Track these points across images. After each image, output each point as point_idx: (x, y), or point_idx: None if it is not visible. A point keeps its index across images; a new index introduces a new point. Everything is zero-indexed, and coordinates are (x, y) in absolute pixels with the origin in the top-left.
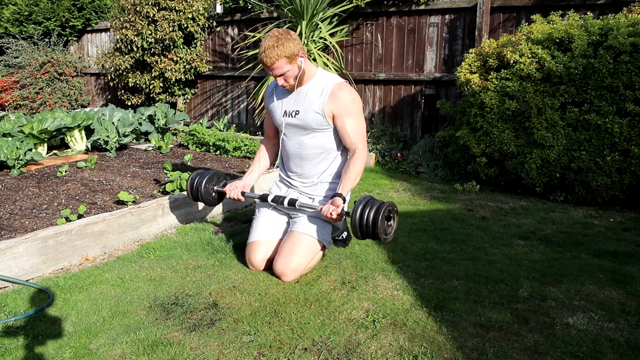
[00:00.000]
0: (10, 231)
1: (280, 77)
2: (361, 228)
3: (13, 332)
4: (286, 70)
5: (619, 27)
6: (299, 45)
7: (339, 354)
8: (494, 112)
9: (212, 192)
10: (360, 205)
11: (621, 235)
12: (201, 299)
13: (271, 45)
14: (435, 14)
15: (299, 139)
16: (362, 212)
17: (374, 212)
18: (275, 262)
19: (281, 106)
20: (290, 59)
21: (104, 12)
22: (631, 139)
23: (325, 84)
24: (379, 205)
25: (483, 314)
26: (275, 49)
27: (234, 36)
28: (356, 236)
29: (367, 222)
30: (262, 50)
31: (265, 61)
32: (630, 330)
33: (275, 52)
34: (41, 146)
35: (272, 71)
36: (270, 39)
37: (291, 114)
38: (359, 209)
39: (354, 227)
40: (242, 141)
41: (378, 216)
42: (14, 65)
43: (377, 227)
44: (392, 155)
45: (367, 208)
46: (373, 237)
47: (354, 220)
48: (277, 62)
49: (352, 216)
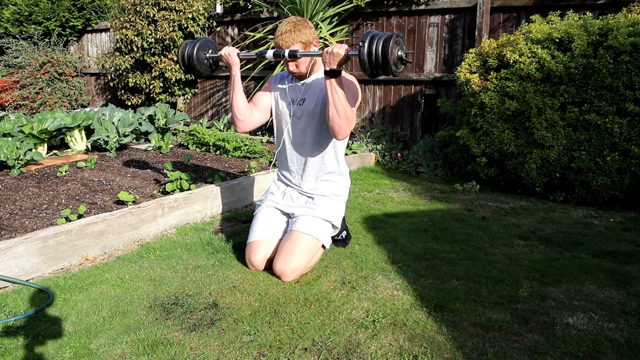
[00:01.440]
0: (10, 231)
1: (292, 63)
2: (370, 61)
3: (13, 332)
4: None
5: (618, 27)
6: (314, 34)
7: (339, 354)
8: (494, 112)
9: (204, 59)
10: (367, 37)
11: (621, 235)
12: (201, 299)
13: (288, 29)
14: (435, 14)
15: (302, 129)
16: (371, 43)
17: (383, 42)
18: (275, 261)
19: (289, 95)
20: (305, 45)
21: (104, 12)
22: (631, 139)
23: None
24: (388, 36)
25: (483, 314)
26: (291, 33)
27: (234, 36)
28: (366, 72)
29: (377, 52)
30: (279, 34)
31: (280, 44)
32: (630, 330)
33: (292, 36)
34: (41, 146)
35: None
36: (287, 24)
37: (299, 102)
38: (367, 40)
39: (363, 62)
40: (242, 141)
41: (388, 45)
42: (14, 65)
43: (388, 57)
44: (392, 155)
45: (376, 39)
46: (384, 71)
47: (362, 53)
48: (292, 46)
49: (360, 49)
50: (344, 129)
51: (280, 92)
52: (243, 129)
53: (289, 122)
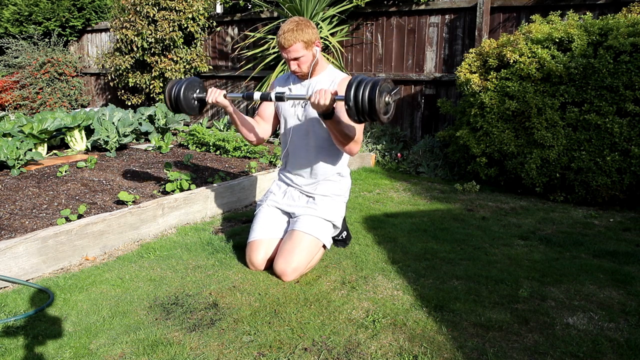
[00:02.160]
0: (10, 231)
1: (294, 62)
2: (357, 108)
3: (13, 332)
4: (301, 55)
5: (618, 27)
6: (316, 35)
7: (339, 354)
8: (494, 112)
9: (192, 99)
10: (353, 84)
11: (621, 235)
12: (201, 299)
13: (291, 28)
14: (435, 14)
15: (305, 130)
16: (357, 91)
17: (369, 90)
18: (276, 261)
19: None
20: (307, 44)
21: (104, 12)
22: (631, 139)
23: (335, 77)
24: (374, 82)
25: (483, 314)
26: (294, 32)
27: (234, 36)
28: (353, 119)
29: (363, 101)
30: (281, 33)
31: (283, 43)
32: (630, 330)
33: (294, 35)
34: (41, 146)
35: (288, 54)
36: (290, 23)
37: (301, 103)
38: (353, 87)
39: (350, 110)
40: (242, 141)
41: (374, 93)
42: (14, 65)
43: (374, 105)
44: (392, 155)
45: (362, 86)
46: (371, 118)
47: (349, 100)
48: (294, 44)
49: (346, 97)
50: (353, 149)
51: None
52: (257, 144)
53: (291, 123)
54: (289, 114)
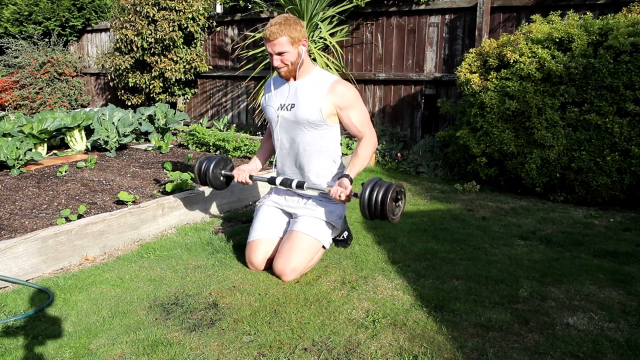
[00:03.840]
0: (10, 231)
1: (278, 57)
2: (369, 208)
3: (13, 332)
4: (286, 51)
5: (618, 27)
6: (304, 34)
7: (339, 354)
8: (494, 112)
9: (219, 176)
10: (369, 186)
11: (621, 235)
12: (201, 299)
13: (279, 22)
14: (435, 14)
15: (292, 134)
16: (371, 193)
17: (382, 193)
18: (275, 261)
19: (277, 100)
20: (293, 40)
21: (104, 12)
22: (631, 139)
23: (323, 80)
24: (388, 187)
25: (483, 314)
26: (281, 25)
27: (234, 36)
28: (364, 216)
29: (376, 202)
30: (269, 26)
31: (269, 35)
32: (631, 330)
33: (281, 28)
34: (41, 146)
35: (273, 47)
36: (279, 18)
37: (287, 107)
38: (368, 189)
39: (363, 208)
40: (242, 141)
41: (387, 197)
42: (14, 65)
43: (386, 207)
44: (392, 155)
45: (376, 189)
46: (381, 218)
47: (363, 201)
48: (279, 38)
49: (361, 197)
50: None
51: (270, 98)
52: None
53: (279, 127)
54: (273, 119)
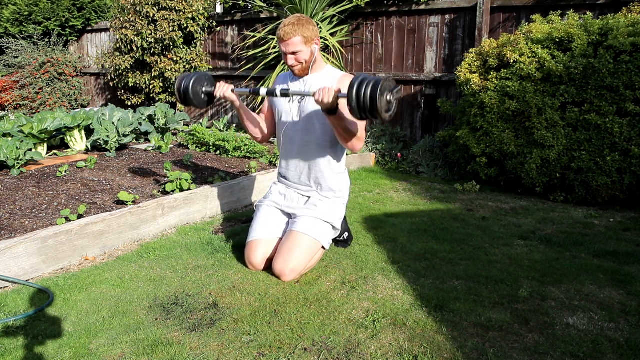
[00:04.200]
0: (10, 231)
1: (292, 56)
2: (359, 106)
3: (13, 332)
4: (299, 50)
5: (618, 27)
6: (316, 33)
7: (339, 354)
8: (494, 112)
9: (201, 93)
10: (356, 82)
11: (621, 235)
12: (201, 299)
13: (292, 22)
14: (435, 14)
15: (300, 128)
16: (359, 89)
17: (371, 88)
18: (275, 261)
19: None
20: (306, 40)
21: (104, 12)
22: (631, 139)
23: (333, 75)
24: (377, 81)
25: (483, 314)
26: (295, 25)
27: (234, 36)
28: (356, 117)
29: (365, 99)
30: (282, 26)
31: (282, 35)
32: (631, 330)
33: (294, 28)
34: (41, 146)
35: (287, 47)
36: (292, 18)
37: (298, 100)
38: (355, 86)
39: (352, 108)
40: (242, 141)
41: (376, 91)
42: (14, 65)
43: (376, 102)
44: (392, 155)
45: (364, 85)
46: (373, 116)
47: (351, 99)
48: (293, 38)
49: (349, 95)
50: (356, 146)
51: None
52: (264, 141)
53: (288, 120)
54: (284, 110)
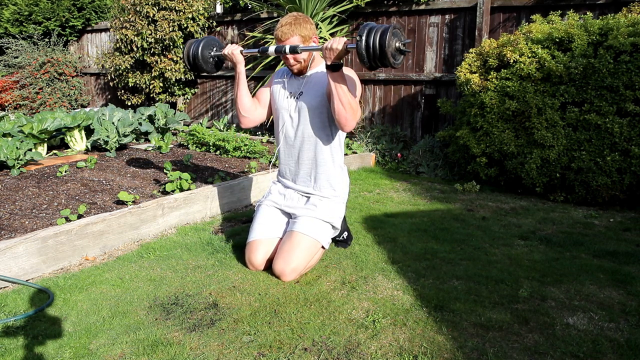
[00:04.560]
0: (10, 231)
1: (291, 57)
2: (368, 52)
3: (13, 332)
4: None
5: (618, 27)
6: (314, 31)
7: (339, 354)
8: (494, 112)
9: (209, 58)
10: (365, 30)
11: (621, 235)
12: (201, 299)
13: (289, 22)
14: (435, 14)
15: (298, 123)
16: (369, 35)
17: (380, 33)
18: (275, 261)
19: (287, 89)
20: (305, 39)
21: (104, 12)
22: (631, 139)
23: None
24: (385, 28)
25: (483, 314)
26: (292, 25)
27: (234, 36)
28: (365, 65)
29: (374, 45)
30: (279, 26)
31: (280, 36)
32: (631, 330)
33: (292, 28)
34: (41, 146)
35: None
36: (289, 17)
37: (296, 96)
38: (364, 34)
39: (361, 55)
40: (242, 141)
41: (385, 36)
42: (14, 65)
43: (385, 47)
44: (392, 155)
45: (373, 31)
46: (382, 63)
47: (361, 44)
48: (291, 38)
49: (359, 40)
50: (350, 120)
51: (279, 86)
52: (247, 124)
53: (286, 116)
54: (283, 106)
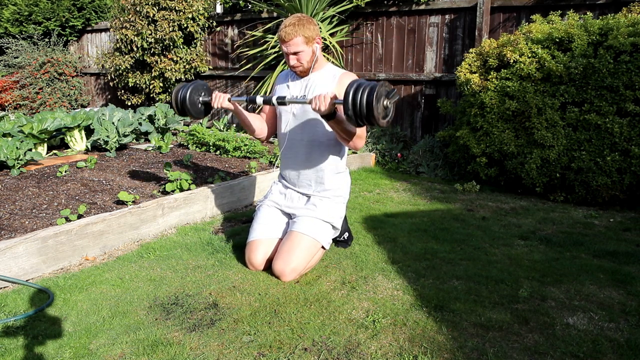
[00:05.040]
0: (10, 231)
1: (294, 57)
2: (355, 113)
3: (13, 332)
4: (300, 50)
5: (618, 27)
6: (317, 32)
7: (339, 354)
8: (494, 112)
9: (198, 103)
10: (351, 89)
11: (621, 235)
12: (201, 299)
13: (293, 23)
14: (435, 14)
15: (301, 126)
16: (355, 96)
17: (367, 95)
18: (275, 261)
19: (290, 92)
20: (308, 40)
21: (104, 12)
22: (631, 139)
23: (335, 73)
24: (373, 86)
25: (483, 314)
26: (295, 26)
27: (234, 36)
28: (353, 124)
29: (361, 106)
30: (283, 27)
31: (283, 36)
32: (631, 330)
33: (295, 29)
34: (41, 146)
35: (288, 47)
36: (292, 18)
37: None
38: (351, 93)
39: (349, 116)
40: (242, 141)
41: (372, 98)
42: (14, 65)
43: (373, 110)
44: (392, 155)
45: (360, 91)
46: (370, 123)
47: (347, 105)
48: (294, 38)
49: (344, 102)
50: (358, 144)
51: (281, 90)
52: (267, 139)
53: (289, 120)
54: (284, 109)
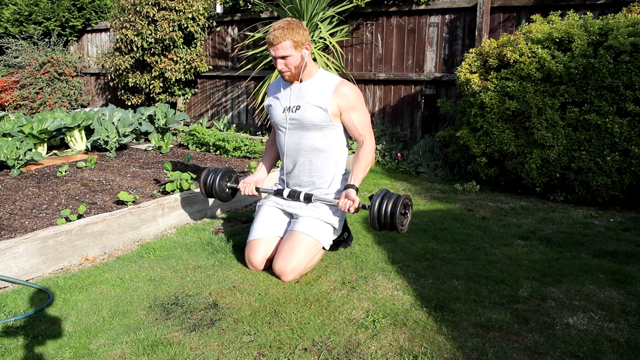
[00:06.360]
0: (10, 231)
1: (282, 61)
2: (379, 220)
3: (13, 332)
4: (289, 54)
5: (619, 27)
6: (307, 37)
7: (339, 354)
8: (494, 112)
9: (225, 188)
10: (378, 198)
11: (621, 235)
12: (201, 299)
13: (282, 26)
14: (436, 14)
15: (298, 136)
16: (380, 205)
17: (392, 205)
18: (275, 261)
19: (282, 103)
20: (296, 44)
21: (104, 12)
22: (631, 139)
23: (328, 81)
24: (397, 198)
25: (483, 314)
26: (284, 30)
27: (234, 36)
28: (374, 227)
29: (386, 214)
30: (272, 30)
31: (272, 40)
32: (631, 330)
33: (284, 32)
34: (41, 146)
35: (276, 51)
36: (282, 22)
37: (292, 109)
38: (377, 202)
39: (373, 220)
40: (242, 141)
41: (396, 209)
42: (14, 65)
43: (395, 219)
44: (392, 155)
45: (385, 201)
46: (391, 229)
47: (373, 213)
48: (282, 42)
49: (371, 209)
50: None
51: (275, 101)
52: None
53: (286, 130)
54: (281, 121)
